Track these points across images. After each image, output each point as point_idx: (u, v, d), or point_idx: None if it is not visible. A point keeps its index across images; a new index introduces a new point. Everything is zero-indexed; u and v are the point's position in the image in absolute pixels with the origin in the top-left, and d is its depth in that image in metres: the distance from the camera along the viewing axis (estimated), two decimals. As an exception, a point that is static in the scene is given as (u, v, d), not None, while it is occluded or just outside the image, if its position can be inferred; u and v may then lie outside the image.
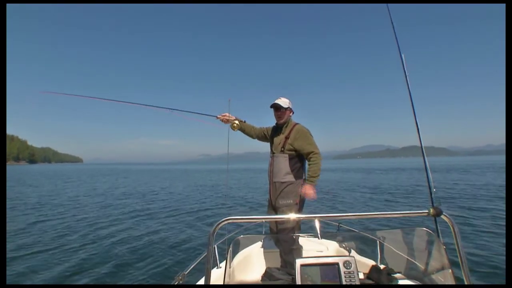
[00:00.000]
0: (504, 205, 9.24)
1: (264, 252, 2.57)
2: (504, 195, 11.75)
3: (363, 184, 19.15)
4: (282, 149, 2.61)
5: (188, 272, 1.89)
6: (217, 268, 2.29)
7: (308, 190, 2.49)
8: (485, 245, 5.44)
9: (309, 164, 2.58)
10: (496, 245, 5.40)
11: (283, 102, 2.68)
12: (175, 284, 1.81)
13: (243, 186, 18.86)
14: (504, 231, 6.22)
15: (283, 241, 2.46)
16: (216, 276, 1.99)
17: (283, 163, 2.58)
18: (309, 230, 3.12)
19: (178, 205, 11.36)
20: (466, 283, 1.20)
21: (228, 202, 12.31)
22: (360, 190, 15.98)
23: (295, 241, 2.42)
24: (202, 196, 14.13)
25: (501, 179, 19.26)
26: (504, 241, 5.58)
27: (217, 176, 32.48)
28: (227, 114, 2.88)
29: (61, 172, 51.53)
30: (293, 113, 2.78)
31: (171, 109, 3.16)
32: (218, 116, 2.88)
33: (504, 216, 7.69)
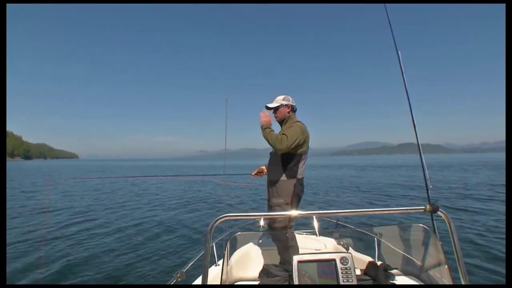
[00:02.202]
0: (501, 203, 9.36)
1: (262, 249, 2.57)
2: (500, 192, 11.92)
3: (359, 181, 19.26)
4: None
5: (186, 270, 1.88)
6: (215, 265, 2.28)
7: (265, 116, 2.59)
8: (480, 242, 5.49)
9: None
10: (493, 243, 5.43)
11: (275, 101, 2.69)
12: (174, 282, 1.81)
13: (239, 184, 18.83)
14: (500, 227, 6.30)
15: (277, 240, 2.47)
16: (214, 274, 1.98)
17: (277, 161, 2.55)
18: (307, 227, 3.13)
19: (174, 202, 11.36)
20: (462, 278, 1.21)
21: (224, 199, 12.31)
22: (357, 187, 16.07)
23: (289, 238, 2.41)
24: (199, 194, 14.11)
25: (497, 177, 19.47)
26: (500, 236, 5.66)
27: (214, 173, 32.49)
28: (262, 168, 3.00)
29: (55, 168, 51.19)
30: (291, 109, 2.71)
31: (203, 175, 3.51)
32: (253, 174, 3.06)
33: (500, 214, 7.79)
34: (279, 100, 2.68)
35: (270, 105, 2.69)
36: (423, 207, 1.29)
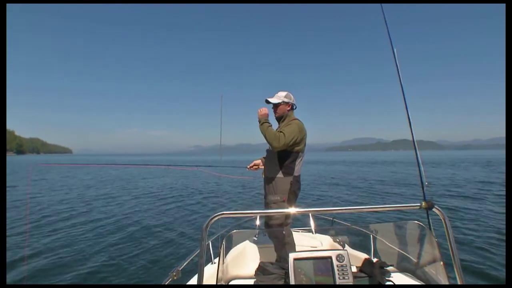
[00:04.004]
0: (497, 201, 9.42)
1: (257, 247, 2.57)
2: (493, 190, 12.07)
3: (354, 178, 19.37)
4: None
5: (182, 268, 1.87)
6: (211, 263, 2.27)
7: (263, 111, 2.58)
8: (473, 239, 5.51)
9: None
10: (487, 238, 5.48)
11: (276, 97, 2.65)
12: (170, 280, 1.79)
13: (236, 180, 18.82)
14: (494, 227, 6.29)
15: (273, 237, 2.47)
16: (210, 272, 1.97)
17: (273, 158, 2.53)
18: (303, 224, 3.13)
19: (170, 199, 11.28)
20: (456, 274, 1.22)
21: (220, 196, 12.28)
22: (352, 183, 16.13)
23: (286, 236, 2.41)
24: (193, 188, 14.05)
25: (490, 174, 19.80)
26: (493, 234, 5.70)
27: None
28: (258, 162, 2.96)
29: (46, 163, 50.55)
30: (291, 107, 2.69)
31: (197, 166, 3.51)
32: (248, 167, 3.03)
33: (496, 211, 7.84)
34: (280, 97, 2.64)
35: (271, 100, 2.65)
36: (419, 204, 1.31)
